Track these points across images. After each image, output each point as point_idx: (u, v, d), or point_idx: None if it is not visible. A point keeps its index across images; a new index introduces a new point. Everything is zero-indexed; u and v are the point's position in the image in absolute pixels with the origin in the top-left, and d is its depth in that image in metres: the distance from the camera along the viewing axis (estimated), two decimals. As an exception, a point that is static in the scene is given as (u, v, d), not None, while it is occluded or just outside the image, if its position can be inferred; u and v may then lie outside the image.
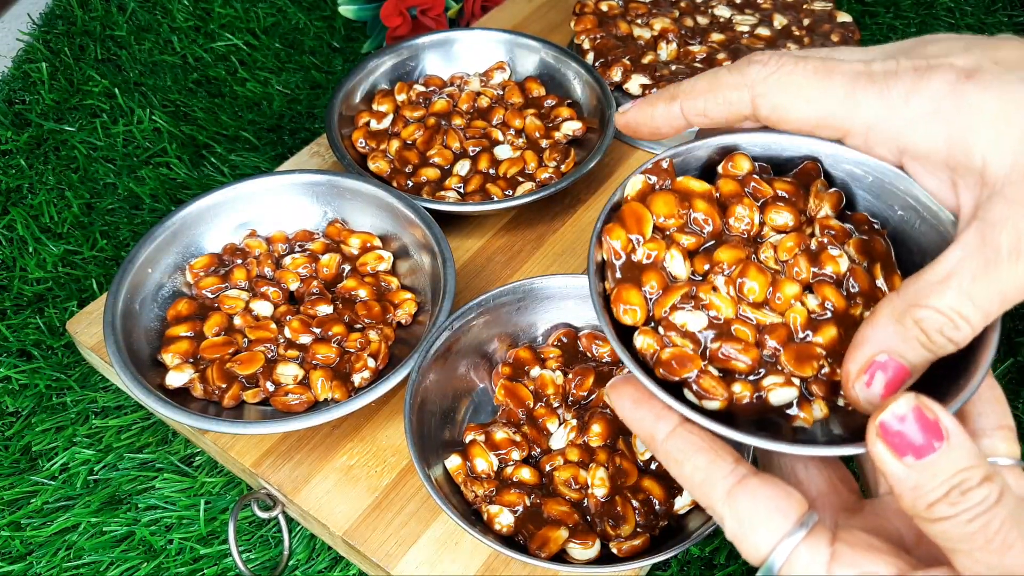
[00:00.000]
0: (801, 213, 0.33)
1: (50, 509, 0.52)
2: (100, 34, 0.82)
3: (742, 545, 0.28)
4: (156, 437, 0.55)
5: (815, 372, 0.31)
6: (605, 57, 0.68)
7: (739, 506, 0.28)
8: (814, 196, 0.33)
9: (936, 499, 0.25)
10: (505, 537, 0.43)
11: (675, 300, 0.32)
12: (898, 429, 0.26)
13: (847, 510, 0.31)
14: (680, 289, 0.32)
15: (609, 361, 0.50)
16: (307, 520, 0.49)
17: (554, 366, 0.50)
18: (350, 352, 0.50)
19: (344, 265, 0.55)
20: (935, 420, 0.26)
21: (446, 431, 0.48)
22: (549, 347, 0.51)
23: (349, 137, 0.63)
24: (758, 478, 0.28)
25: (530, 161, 0.61)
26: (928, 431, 0.25)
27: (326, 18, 0.85)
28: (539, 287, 0.50)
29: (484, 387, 0.50)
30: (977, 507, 0.25)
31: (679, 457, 0.30)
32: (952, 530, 0.25)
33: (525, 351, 0.50)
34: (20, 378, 0.57)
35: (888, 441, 0.26)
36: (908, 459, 0.25)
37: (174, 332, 0.51)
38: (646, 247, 0.32)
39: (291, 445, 0.50)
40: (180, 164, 0.70)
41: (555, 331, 0.51)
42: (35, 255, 0.64)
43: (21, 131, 0.73)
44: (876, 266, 0.33)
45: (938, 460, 0.25)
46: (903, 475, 0.26)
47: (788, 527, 0.27)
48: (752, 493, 0.28)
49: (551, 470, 0.46)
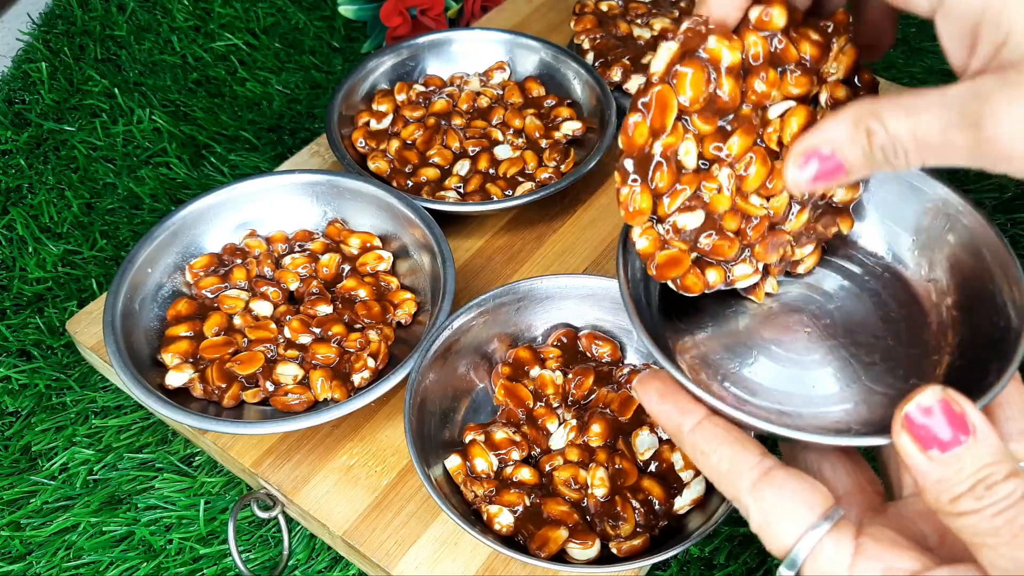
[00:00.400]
0: (816, 77, 0.32)
1: (50, 509, 0.52)
2: (100, 34, 0.82)
3: (766, 536, 0.28)
4: (156, 437, 0.55)
5: (777, 259, 0.34)
6: (605, 57, 0.68)
7: (764, 497, 0.28)
8: (834, 57, 0.33)
9: (960, 493, 0.25)
10: (505, 537, 0.43)
11: (678, 203, 0.32)
12: (923, 422, 0.26)
13: (872, 509, 0.31)
14: (682, 191, 0.32)
15: (609, 361, 0.50)
16: (307, 520, 0.49)
17: (554, 366, 0.50)
18: (350, 352, 0.50)
19: (344, 265, 0.55)
20: (962, 414, 0.26)
21: (446, 431, 0.48)
22: (549, 347, 0.51)
23: (349, 137, 0.63)
24: (785, 471, 0.28)
25: (530, 161, 0.61)
26: (955, 424, 0.25)
27: (326, 18, 0.85)
28: (539, 287, 0.50)
29: (484, 387, 0.50)
30: (1003, 502, 0.25)
31: (705, 448, 0.30)
32: (978, 524, 0.25)
33: (525, 351, 0.50)
34: (20, 378, 0.57)
35: (914, 433, 0.26)
36: (933, 452, 0.25)
37: (174, 332, 0.51)
38: (663, 141, 0.31)
39: (291, 445, 0.50)
40: (180, 164, 0.70)
41: (555, 331, 0.51)
42: (35, 255, 0.64)
43: (21, 131, 0.73)
44: None
45: (964, 454, 0.25)
46: (928, 468, 0.26)
47: (813, 519, 0.27)
48: (778, 485, 0.28)
49: (551, 470, 0.46)
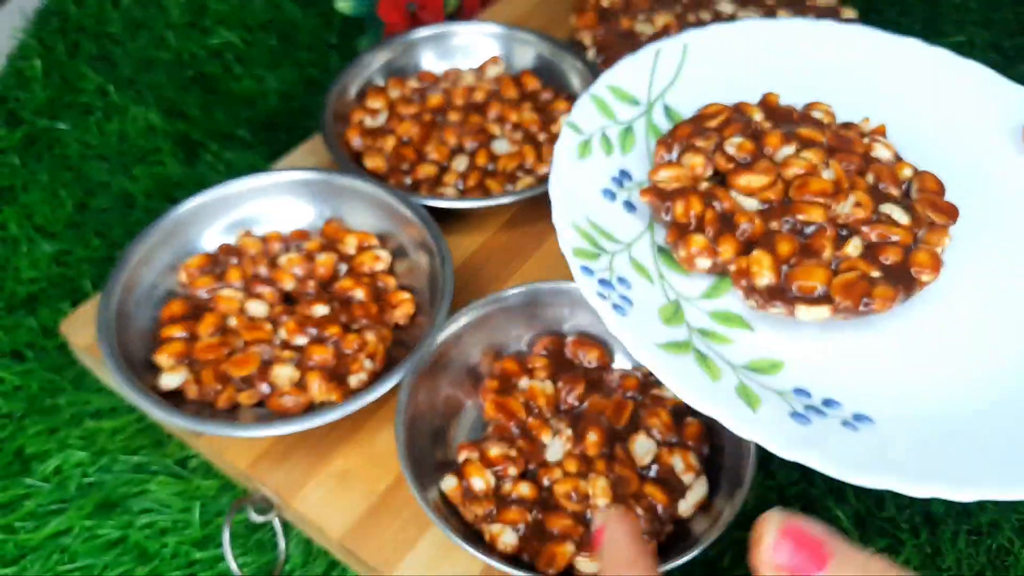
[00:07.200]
0: None
1: (43, 512, 0.51)
2: (94, 30, 0.81)
3: None
4: (150, 439, 0.54)
5: None
6: (606, 53, 0.67)
7: None
8: None
9: None
10: (509, 555, 0.43)
11: None
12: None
13: None
14: None
15: (598, 366, 0.49)
16: (303, 524, 0.48)
17: (542, 376, 0.49)
18: (347, 354, 0.49)
19: (340, 265, 0.54)
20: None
21: (438, 452, 0.47)
22: (535, 356, 0.50)
23: (344, 135, 0.63)
24: None
25: (529, 155, 0.61)
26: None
27: (322, 14, 0.84)
28: (517, 294, 0.49)
29: (472, 403, 0.49)
30: None
31: None
32: None
33: (511, 362, 0.49)
34: (13, 380, 0.57)
35: None
36: None
37: (168, 333, 0.50)
38: None
39: (287, 448, 0.49)
40: (175, 162, 0.70)
41: (539, 339, 0.50)
42: (28, 255, 0.64)
43: (14, 129, 0.72)
44: None
45: None
46: None
47: None
48: None
49: (550, 484, 0.45)
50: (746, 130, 0.36)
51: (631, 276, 0.36)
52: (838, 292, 0.33)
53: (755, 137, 0.35)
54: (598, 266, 0.35)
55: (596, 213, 0.37)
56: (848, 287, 0.33)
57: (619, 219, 0.38)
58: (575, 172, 0.37)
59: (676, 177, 0.35)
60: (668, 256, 0.37)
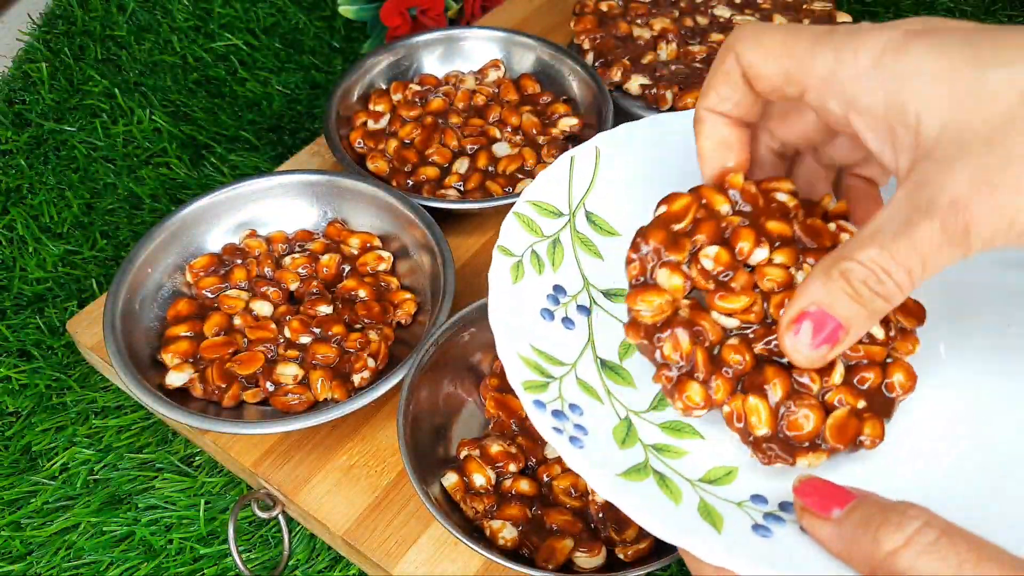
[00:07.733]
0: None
1: (50, 509, 0.52)
2: (100, 34, 0.82)
3: None
4: (156, 437, 0.55)
5: None
6: (605, 57, 0.68)
7: None
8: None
9: None
10: (509, 550, 0.43)
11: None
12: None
13: None
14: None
15: None
16: (307, 520, 0.49)
17: None
18: (350, 352, 0.50)
19: (344, 265, 0.55)
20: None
21: (439, 448, 0.47)
22: None
23: (347, 137, 0.63)
24: None
25: (528, 158, 0.61)
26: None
27: (326, 18, 0.85)
28: None
29: (473, 401, 0.50)
30: None
31: None
32: None
33: None
34: (20, 378, 0.57)
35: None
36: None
37: (174, 332, 0.51)
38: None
39: (291, 445, 0.50)
40: (180, 164, 0.70)
41: None
42: (35, 255, 0.64)
43: (21, 131, 0.73)
44: None
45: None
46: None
47: None
48: None
49: (549, 480, 0.45)
50: (717, 232, 0.34)
51: (581, 400, 0.34)
52: (833, 437, 0.32)
53: (726, 242, 0.33)
54: (548, 396, 0.33)
55: (538, 338, 0.35)
56: (841, 430, 0.32)
57: (560, 339, 0.36)
58: (512, 298, 0.36)
59: (659, 308, 0.33)
60: (612, 370, 0.36)
